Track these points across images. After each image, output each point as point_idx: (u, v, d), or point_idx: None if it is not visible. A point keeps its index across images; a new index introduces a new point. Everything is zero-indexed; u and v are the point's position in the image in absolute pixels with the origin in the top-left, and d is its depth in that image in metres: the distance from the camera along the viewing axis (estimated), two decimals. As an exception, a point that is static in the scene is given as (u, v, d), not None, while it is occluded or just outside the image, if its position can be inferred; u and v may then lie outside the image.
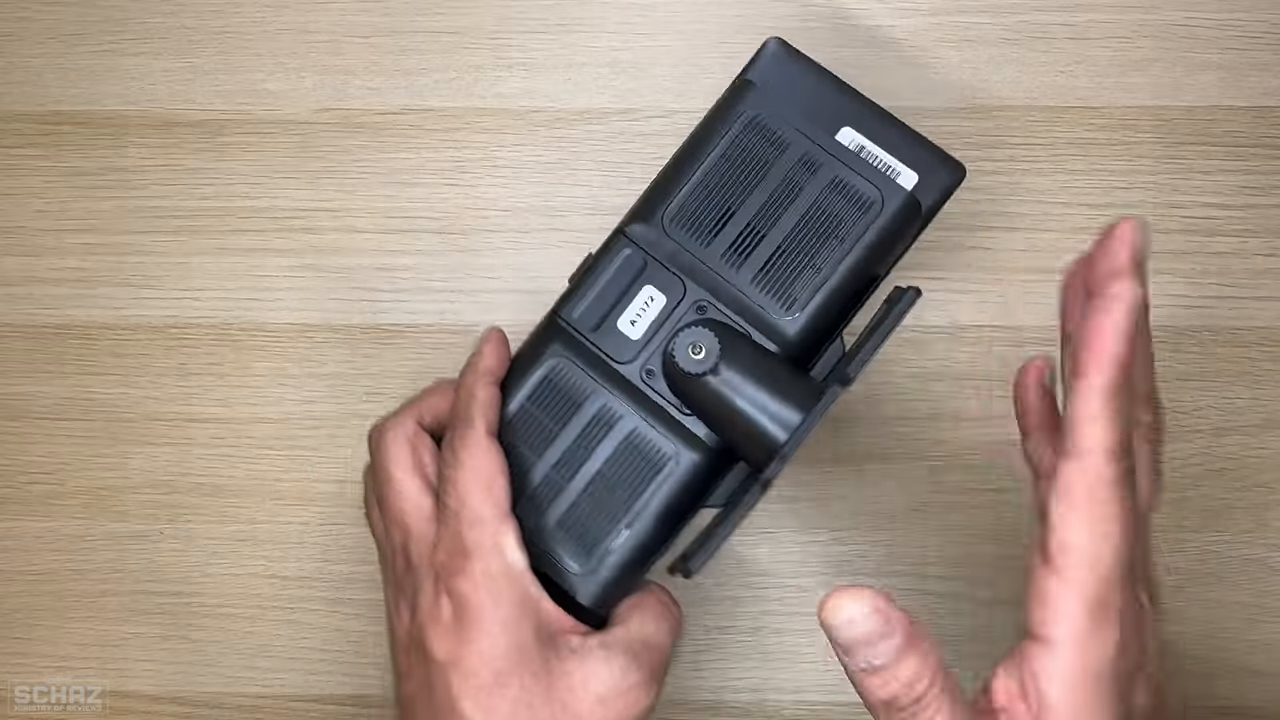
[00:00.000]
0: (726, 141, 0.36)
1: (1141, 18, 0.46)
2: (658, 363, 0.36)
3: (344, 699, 0.47)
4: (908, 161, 0.36)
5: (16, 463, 0.48)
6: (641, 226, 0.36)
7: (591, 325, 0.36)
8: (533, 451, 0.36)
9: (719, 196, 0.36)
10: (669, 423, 0.36)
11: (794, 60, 0.37)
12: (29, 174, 0.48)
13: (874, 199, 0.36)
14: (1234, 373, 0.46)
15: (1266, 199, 0.46)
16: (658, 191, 0.37)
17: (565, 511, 0.35)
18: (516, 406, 0.36)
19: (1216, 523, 0.46)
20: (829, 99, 0.37)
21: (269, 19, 0.47)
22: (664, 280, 0.36)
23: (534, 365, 0.36)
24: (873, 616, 0.27)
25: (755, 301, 0.35)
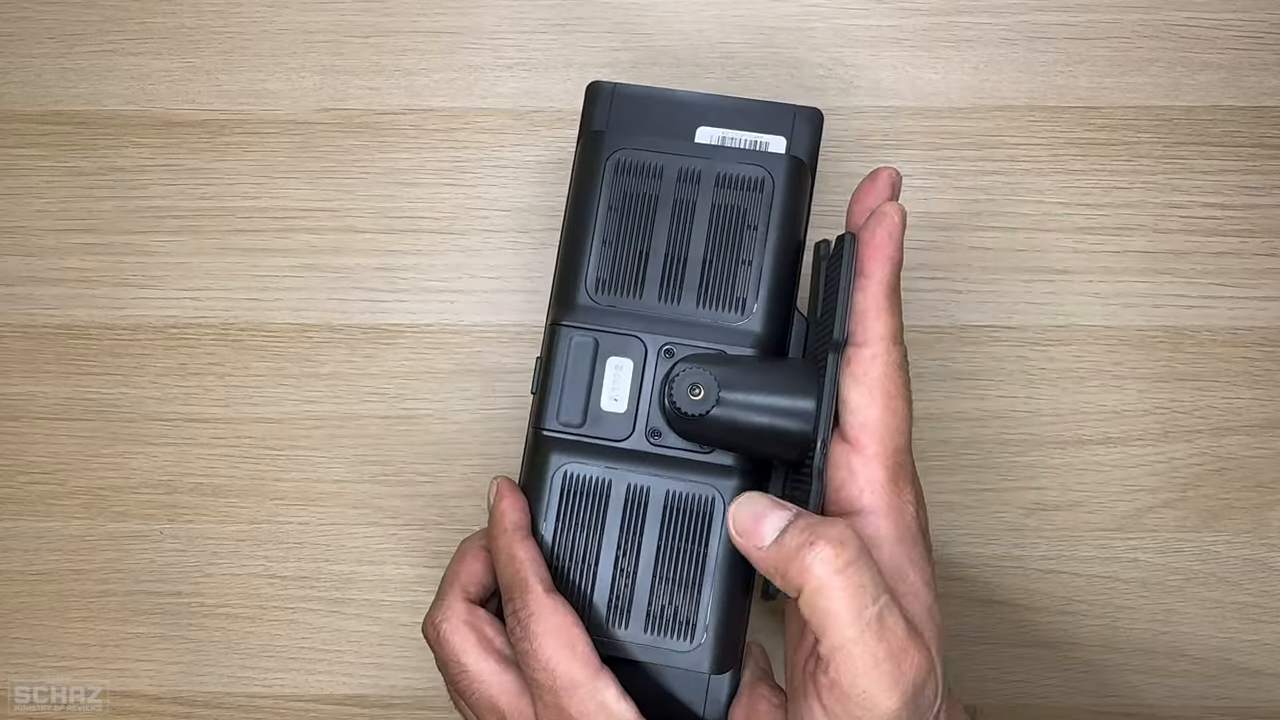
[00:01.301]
0: (605, 195, 0.36)
1: (1141, 18, 0.46)
2: (659, 420, 0.35)
3: (344, 699, 0.47)
4: (768, 129, 0.37)
5: (16, 463, 0.48)
6: (572, 311, 0.36)
7: (578, 421, 0.35)
8: (589, 567, 0.35)
9: (626, 247, 0.36)
10: (696, 468, 0.35)
11: (625, 92, 0.37)
12: (29, 174, 0.48)
13: (761, 176, 0.36)
14: (1234, 373, 0.46)
15: (1266, 199, 0.46)
16: (568, 272, 0.36)
17: (648, 604, 0.35)
18: (552, 533, 0.35)
19: (1216, 523, 0.46)
20: (672, 110, 0.37)
21: (269, 19, 0.47)
22: (620, 346, 0.35)
23: (545, 486, 0.35)
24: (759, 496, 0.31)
25: (710, 320, 0.35)
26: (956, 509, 0.46)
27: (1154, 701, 0.46)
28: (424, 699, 0.46)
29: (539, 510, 0.35)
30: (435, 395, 0.47)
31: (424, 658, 0.46)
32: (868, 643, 0.29)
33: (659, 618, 0.34)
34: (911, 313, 0.46)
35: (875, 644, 0.28)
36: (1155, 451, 0.46)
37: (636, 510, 0.35)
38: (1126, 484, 0.46)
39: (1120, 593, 0.46)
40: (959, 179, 0.46)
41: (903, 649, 0.29)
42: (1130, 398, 0.46)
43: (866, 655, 0.29)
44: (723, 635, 0.35)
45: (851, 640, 0.29)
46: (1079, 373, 0.46)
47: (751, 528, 0.31)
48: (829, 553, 0.29)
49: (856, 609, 0.29)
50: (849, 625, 0.28)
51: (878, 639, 0.29)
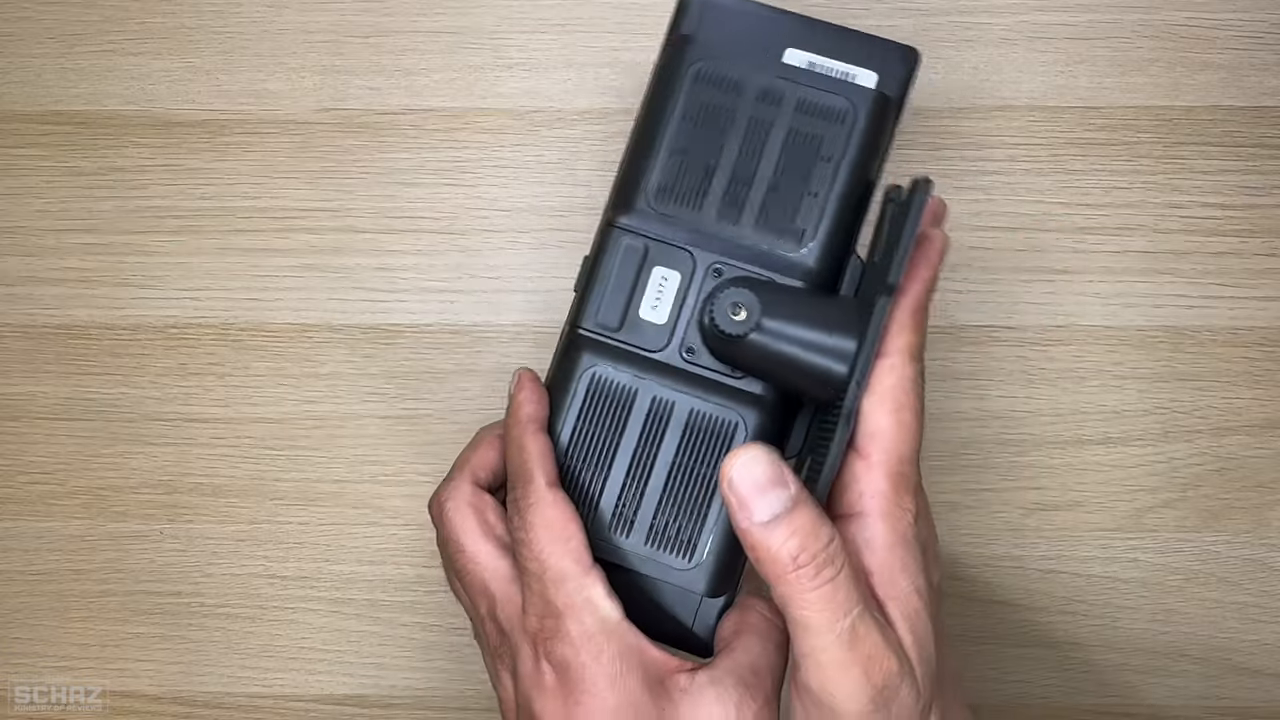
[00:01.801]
0: (681, 103, 0.35)
1: (1141, 18, 0.46)
2: (695, 338, 0.35)
3: (344, 699, 0.47)
4: (860, 62, 0.36)
5: (16, 463, 0.48)
6: (628, 213, 0.35)
7: (615, 325, 0.35)
8: (600, 471, 0.35)
9: (694, 158, 0.35)
10: (724, 391, 0.35)
11: (717, 1, 0.36)
12: (29, 174, 0.48)
13: (844, 108, 0.35)
14: (1234, 373, 0.46)
15: (1266, 199, 0.46)
16: (631, 174, 0.35)
17: (653, 517, 0.35)
18: (569, 433, 0.35)
19: (1216, 523, 0.46)
20: (764, 27, 0.36)
21: (269, 19, 0.47)
22: (670, 257, 0.35)
23: (571, 384, 0.35)
24: (766, 461, 0.30)
25: (766, 246, 0.35)
26: (956, 509, 0.46)
27: (1154, 701, 0.46)
28: (424, 699, 0.46)
29: (561, 407, 0.35)
30: (435, 395, 0.47)
31: (424, 658, 0.46)
32: (836, 651, 0.29)
33: (662, 532, 0.34)
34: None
35: (844, 652, 0.29)
36: (1155, 451, 0.46)
37: (658, 422, 0.35)
38: (1126, 484, 0.46)
39: (1120, 593, 0.46)
40: (959, 179, 0.46)
41: (872, 656, 0.29)
42: (1130, 398, 0.46)
43: (834, 663, 0.29)
44: (722, 559, 0.35)
45: (819, 648, 0.29)
46: (1079, 373, 0.46)
47: (747, 496, 0.30)
48: (809, 570, 0.29)
49: (829, 620, 0.29)
50: (820, 634, 0.29)
51: (848, 647, 0.29)
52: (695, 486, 0.35)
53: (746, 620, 0.34)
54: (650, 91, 0.36)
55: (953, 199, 0.46)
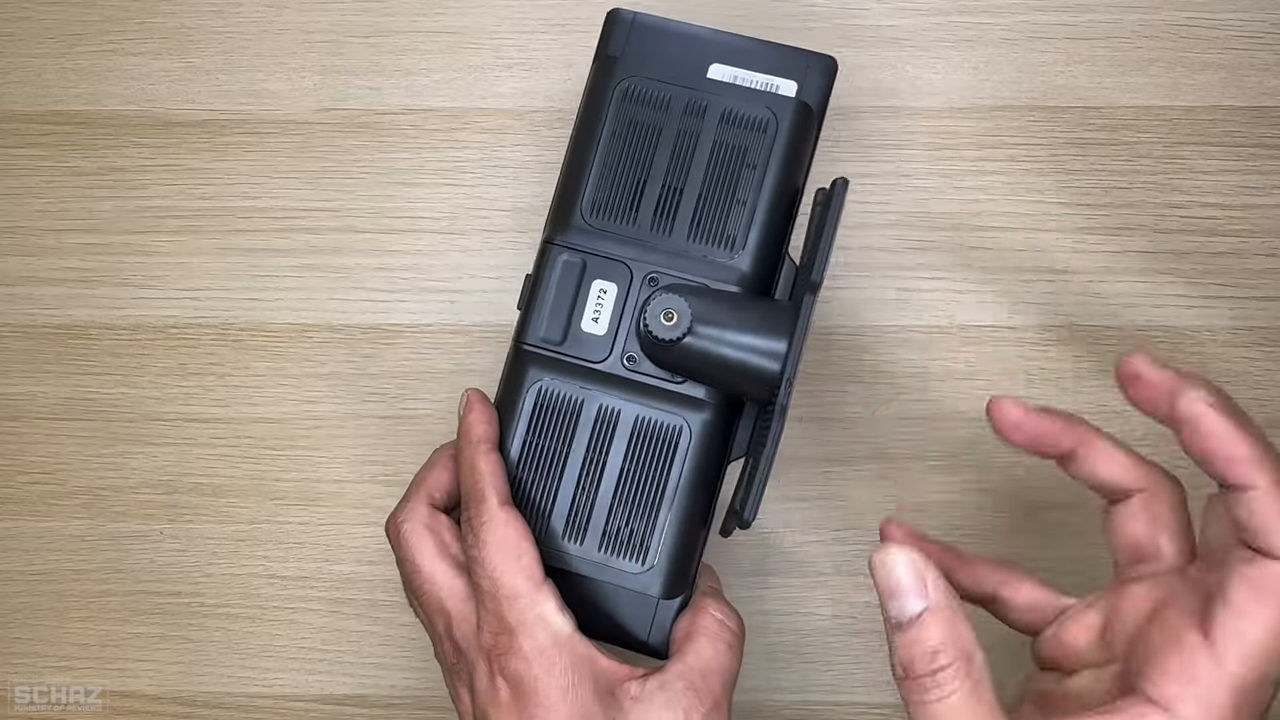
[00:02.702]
0: (610, 121, 0.36)
1: (1141, 18, 0.46)
2: (635, 346, 0.36)
3: (344, 699, 0.47)
4: (781, 73, 0.37)
5: (16, 463, 0.48)
6: (565, 230, 0.36)
7: (558, 339, 0.36)
8: (551, 481, 0.36)
9: (625, 173, 0.36)
10: (668, 397, 0.36)
11: (643, 22, 0.37)
12: (29, 174, 0.48)
13: (766, 118, 0.36)
14: (1233, 373, 0.46)
15: (1266, 199, 0.46)
16: (566, 192, 0.37)
17: (605, 523, 0.35)
18: (519, 446, 0.36)
19: (1216, 523, 0.46)
20: (689, 45, 0.37)
21: (269, 19, 0.47)
22: (607, 270, 0.36)
23: (519, 399, 0.36)
24: (908, 568, 0.29)
25: (699, 254, 0.36)
26: (958, 509, 0.46)
27: (1154, 701, 0.46)
28: (424, 699, 0.46)
29: (510, 422, 0.36)
30: (435, 395, 0.47)
31: (424, 658, 0.46)
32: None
33: (614, 538, 0.35)
34: (911, 313, 0.46)
35: None
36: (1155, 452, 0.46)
37: (605, 431, 0.36)
38: (1126, 484, 0.46)
39: (1120, 593, 0.46)
40: (959, 179, 0.46)
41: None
42: (1130, 398, 0.46)
43: None
44: (675, 561, 0.35)
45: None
46: (1079, 373, 0.46)
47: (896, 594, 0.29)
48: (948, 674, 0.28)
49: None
50: None
51: None
52: (645, 491, 0.35)
53: (698, 623, 0.34)
54: (581, 111, 0.37)
55: (953, 199, 0.46)
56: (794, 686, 0.46)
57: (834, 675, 0.46)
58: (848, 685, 0.46)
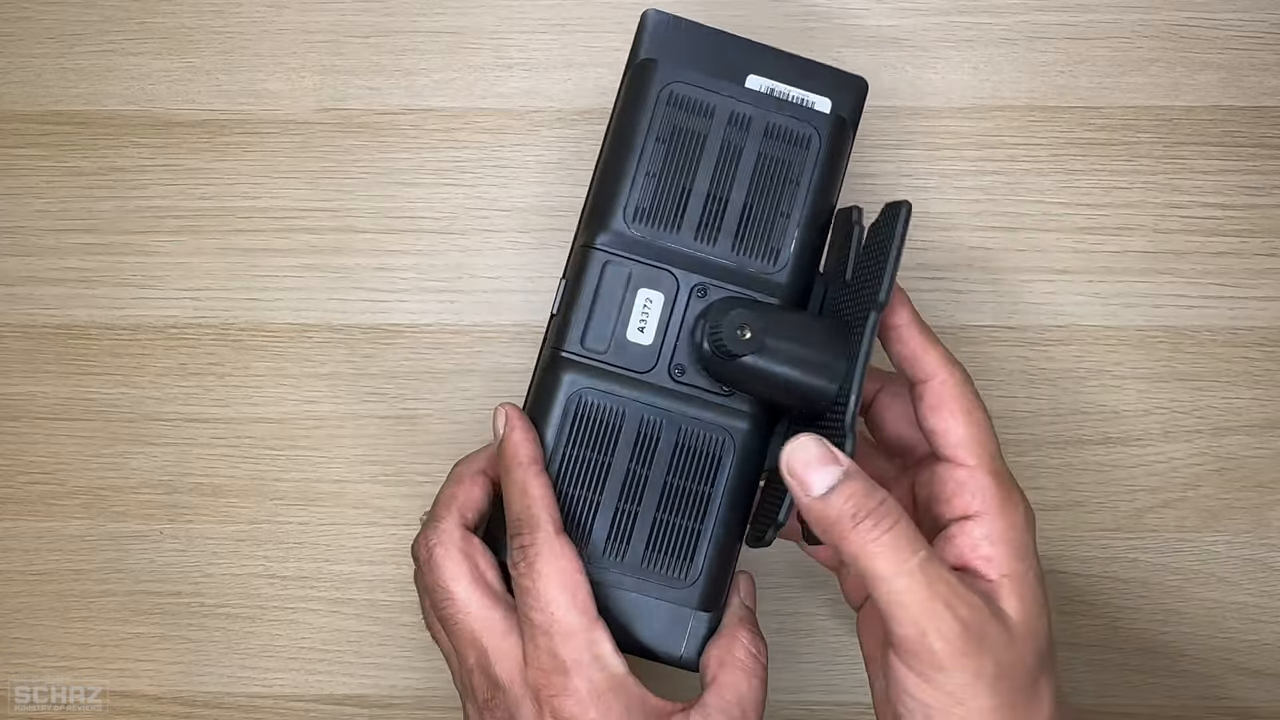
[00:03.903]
0: (655, 124, 0.35)
1: (1141, 18, 0.46)
2: (685, 357, 0.35)
3: (344, 699, 0.47)
4: (815, 89, 0.37)
5: (16, 463, 0.48)
6: (607, 234, 0.35)
7: (602, 348, 0.35)
8: (590, 493, 0.35)
9: (670, 180, 0.35)
10: (713, 408, 0.35)
11: (679, 25, 0.37)
12: (29, 174, 0.48)
13: (808, 134, 0.36)
14: (1234, 373, 0.46)
15: (1266, 199, 0.46)
16: (606, 195, 0.36)
17: (648, 537, 0.35)
18: (556, 456, 0.35)
19: (1216, 523, 0.46)
20: (724, 52, 0.36)
21: (269, 19, 0.47)
22: (653, 278, 0.35)
23: (556, 408, 0.35)
24: (819, 444, 0.31)
25: (744, 266, 0.35)
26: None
27: (1154, 701, 0.46)
28: (424, 699, 0.46)
29: (546, 431, 0.35)
30: (435, 395, 0.47)
31: (424, 658, 0.46)
32: (915, 590, 0.30)
33: (656, 551, 0.35)
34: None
35: (922, 590, 0.30)
36: (1155, 451, 0.46)
37: (647, 443, 0.35)
38: (1126, 484, 0.46)
39: (1120, 593, 0.46)
40: (959, 179, 0.46)
41: (953, 594, 0.30)
42: (1130, 398, 0.46)
43: (915, 602, 0.30)
44: (714, 574, 0.35)
45: (898, 592, 0.30)
46: (1079, 373, 0.46)
47: (803, 475, 0.31)
48: (869, 523, 0.30)
49: (898, 562, 0.30)
50: (894, 578, 0.30)
51: (924, 585, 0.30)
52: (688, 503, 0.35)
53: (732, 654, 0.34)
54: (620, 113, 0.37)
55: (953, 199, 0.46)
56: (792, 687, 0.46)
57: (833, 675, 0.46)
58: (846, 685, 0.46)
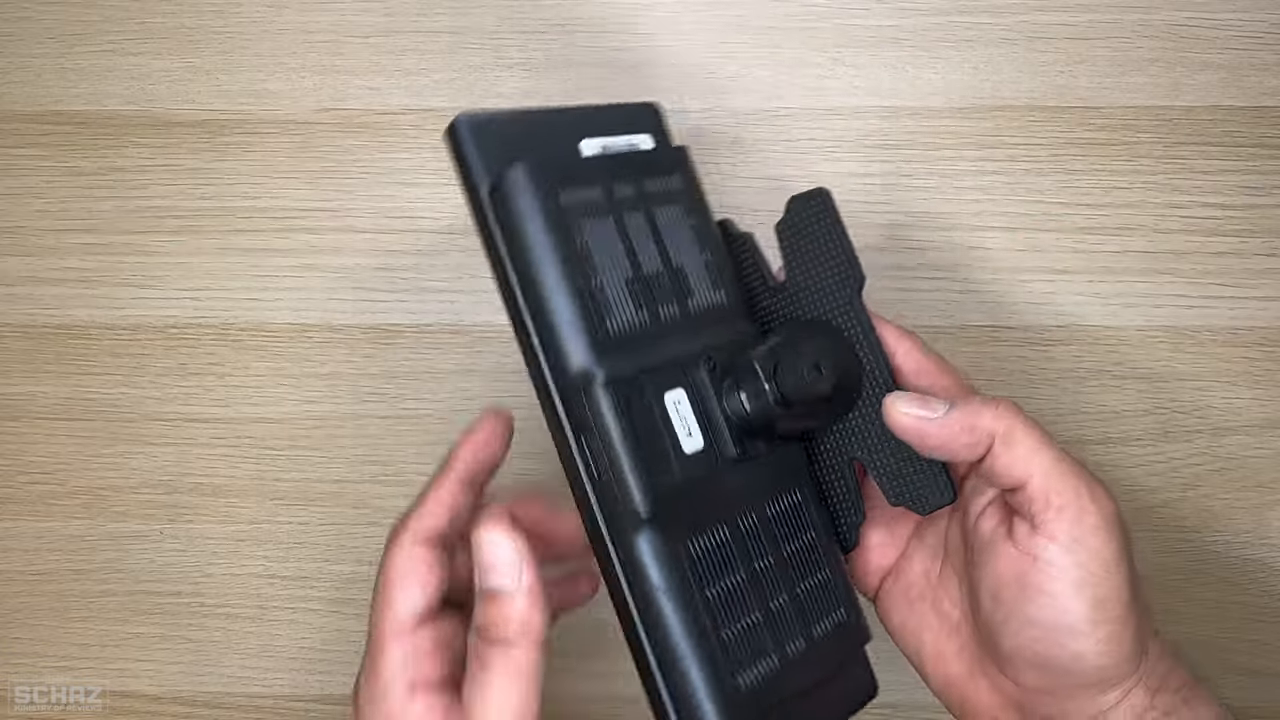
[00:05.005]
0: (554, 243, 0.31)
1: (1141, 18, 0.46)
2: (738, 435, 0.32)
3: (344, 699, 0.47)
4: (631, 130, 0.35)
5: (16, 463, 0.48)
6: (599, 367, 0.30)
7: (675, 482, 0.31)
8: (742, 613, 0.32)
9: (601, 282, 0.31)
10: (778, 469, 0.34)
11: (492, 122, 0.32)
12: (29, 174, 0.48)
13: (670, 174, 0.34)
14: (1234, 373, 0.46)
15: (1266, 199, 0.46)
16: (562, 338, 0.31)
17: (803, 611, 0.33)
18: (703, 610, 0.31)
19: (1216, 523, 0.46)
20: (546, 131, 0.33)
21: (269, 19, 0.47)
22: (663, 380, 0.31)
23: (675, 571, 0.30)
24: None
25: (712, 317, 0.34)
26: (956, 509, 0.46)
27: (1154, 701, 0.46)
28: (424, 699, 0.46)
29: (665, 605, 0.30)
30: (435, 395, 0.47)
31: (424, 658, 0.46)
32: (1068, 465, 0.31)
33: (813, 613, 0.34)
34: (911, 313, 0.46)
35: (1073, 467, 0.31)
36: (1155, 451, 0.46)
37: (756, 539, 0.33)
38: (1126, 484, 0.46)
39: (1120, 593, 0.46)
40: (959, 179, 0.46)
41: (1094, 485, 0.32)
42: (1130, 398, 0.46)
43: (1070, 473, 0.31)
44: (855, 600, 0.35)
45: (1055, 459, 0.31)
46: (1079, 373, 0.46)
47: (922, 406, 0.32)
48: (1010, 405, 0.32)
49: (1047, 441, 0.31)
50: (1050, 450, 0.31)
51: (1071, 466, 0.31)
52: (809, 560, 0.34)
53: None
54: (511, 249, 0.32)
55: (953, 199, 0.46)
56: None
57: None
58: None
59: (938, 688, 0.35)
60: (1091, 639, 0.30)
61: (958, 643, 0.35)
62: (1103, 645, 0.31)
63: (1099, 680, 0.31)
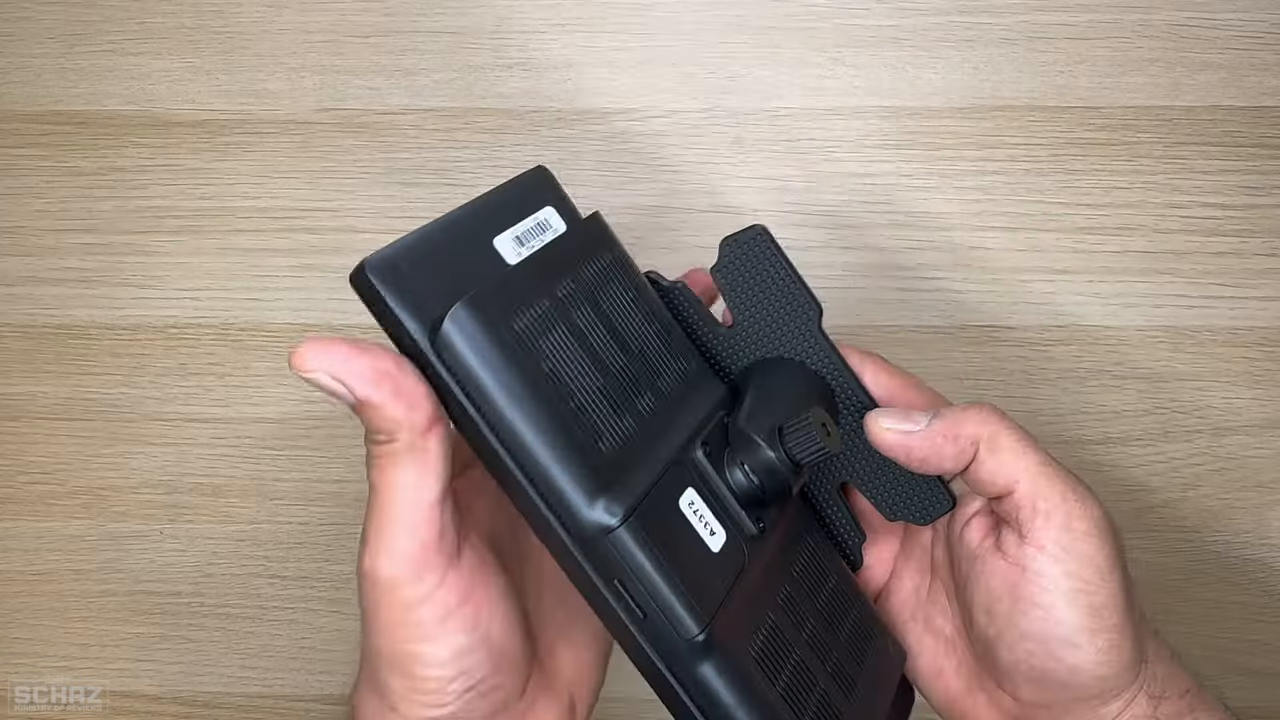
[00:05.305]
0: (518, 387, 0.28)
1: (1141, 18, 0.46)
2: (755, 513, 0.31)
3: (344, 699, 0.47)
4: (532, 209, 0.32)
5: (16, 463, 0.48)
6: (614, 506, 0.28)
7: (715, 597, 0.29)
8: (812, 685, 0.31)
9: (577, 406, 0.29)
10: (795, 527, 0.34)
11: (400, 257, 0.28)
12: (29, 174, 0.48)
13: (590, 245, 0.32)
14: (1234, 373, 0.46)
15: (1266, 199, 0.46)
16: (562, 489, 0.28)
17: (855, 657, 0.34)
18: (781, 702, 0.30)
19: (1216, 523, 0.46)
20: (457, 244, 0.30)
21: (269, 19, 0.47)
22: (674, 485, 0.30)
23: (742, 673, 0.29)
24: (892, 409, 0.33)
25: (686, 393, 0.33)
26: (956, 509, 0.46)
27: (1154, 701, 0.46)
28: (424, 699, 0.46)
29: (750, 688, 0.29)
30: (435, 395, 0.47)
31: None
32: (1054, 469, 0.31)
33: (861, 651, 0.34)
34: (911, 313, 0.46)
35: (1059, 471, 0.31)
36: (1155, 451, 0.46)
37: (799, 612, 0.32)
38: (1126, 484, 0.46)
39: (1120, 593, 0.46)
40: (959, 179, 0.46)
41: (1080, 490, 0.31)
42: (1130, 398, 0.46)
43: (1057, 477, 0.31)
44: (882, 621, 0.35)
45: (1040, 462, 0.31)
46: (1079, 373, 0.46)
47: (904, 419, 0.32)
48: (991, 409, 0.32)
49: (1032, 445, 0.31)
50: (1035, 453, 0.31)
51: (1057, 470, 0.31)
52: (840, 603, 0.34)
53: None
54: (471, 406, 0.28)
55: (953, 199, 0.46)
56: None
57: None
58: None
59: (939, 705, 0.35)
60: (1089, 650, 0.30)
61: (955, 659, 0.34)
62: (1101, 655, 0.30)
63: (1099, 692, 0.31)
